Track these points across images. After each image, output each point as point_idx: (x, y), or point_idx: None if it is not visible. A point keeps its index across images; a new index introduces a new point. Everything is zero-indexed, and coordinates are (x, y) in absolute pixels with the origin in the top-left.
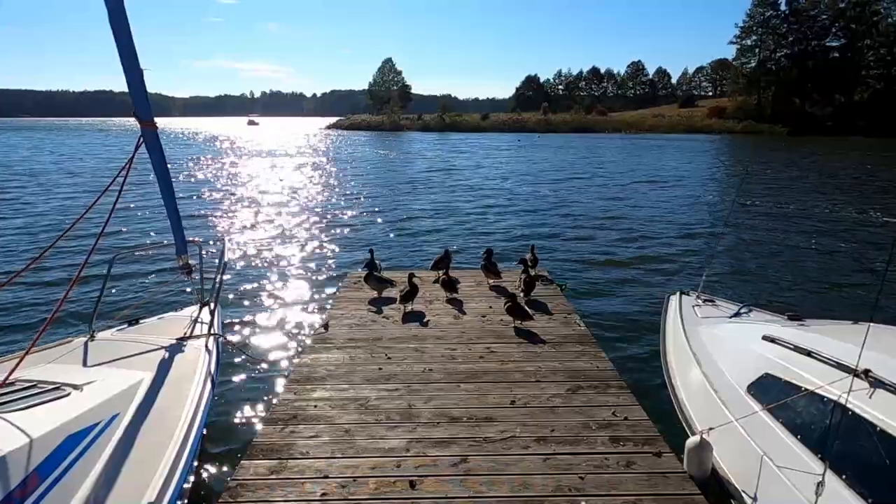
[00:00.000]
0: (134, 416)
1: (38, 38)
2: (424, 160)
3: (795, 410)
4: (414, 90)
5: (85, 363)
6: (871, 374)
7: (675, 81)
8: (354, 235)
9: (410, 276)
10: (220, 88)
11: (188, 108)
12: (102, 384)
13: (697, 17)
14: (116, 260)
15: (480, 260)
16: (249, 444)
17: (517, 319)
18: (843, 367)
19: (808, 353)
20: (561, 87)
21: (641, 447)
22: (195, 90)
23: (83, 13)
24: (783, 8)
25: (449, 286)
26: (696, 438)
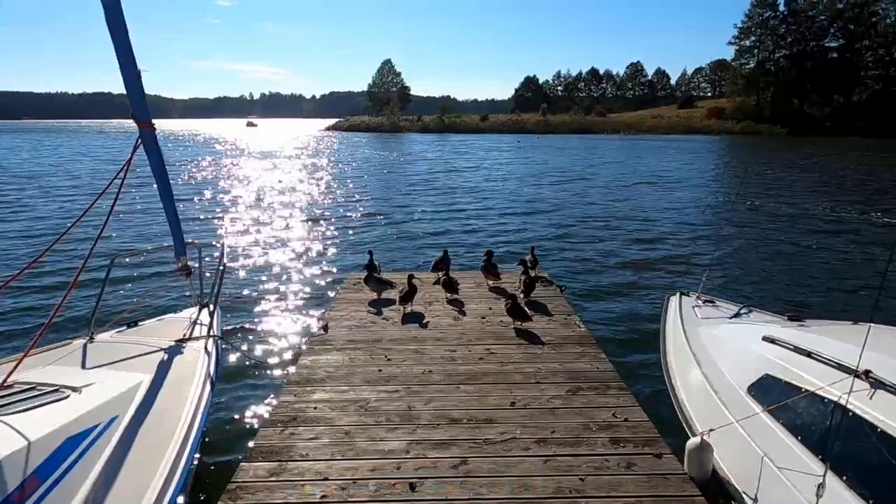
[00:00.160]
0: (133, 418)
1: (37, 38)
2: (424, 161)
3: (796, 411)
4: (413, 91)
5: (84, 365)
6: (871, 374)
7: (673, 82)
8: (354, 237)
9: (410, 277)
10: (219, 90)
11: (187, 109)
12: (101, 386)
13: (696, 17)
14: (115, 262)
15: (480, 262)
16: (249, 446)
17: (517, 320)
18: (843, 367)
19: (808, 353)
20: (560, 88)
21: (642, 448)
22: (194, 91)
23: (83, 13)
24: (782, 9)
25: (449, 287)
26: (696, 439)
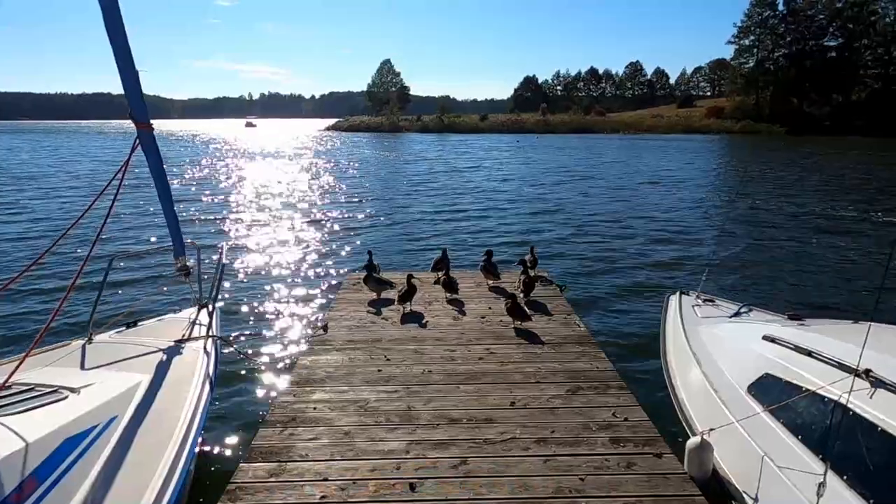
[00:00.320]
0: (132, 418)
1: (37, 38)
2: (424, 161)
3: (796, 411)
4: (413, 91)
5: (83, 366)
6: (871, 373)
7: (673, 82)
8: (353, 237)
9: (409, 276)
10: (218, 90)
11: (187, 110)
12: (100, 387)
13: (696, 17)
14: (114, 262)
15: (480, 261)
16: (248, 446)
17: (517, 320)
18: (843, 367)
19: (808, 352)
20: (559, 87)
21: (642, 448)
22: (194, 92)
23: (83, 13)
24: (781, 8)
25: (449, 286)
26: (696, 439)
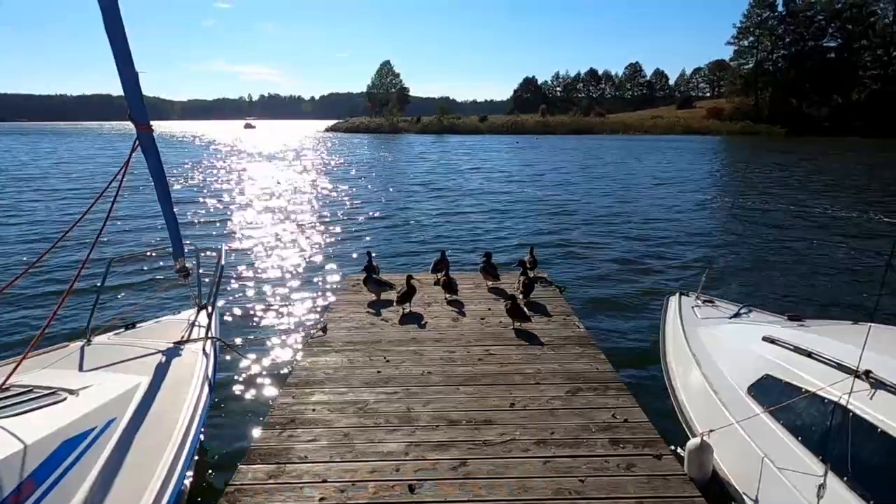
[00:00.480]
0: (130, 420)
1: (37, 39)
2: (424, 162)
3: (796, 412)
4: (412, 92)
5: (81, 367)
6: (871, 374)
7: (672, 83)
8: (353, 239)
9: (408, 277)
10: (218, 91)
11: (186, 111)
12: (99, 388)
13: (695, 18)
14: (113, 264)
15: (479, 263)
16: (247, 448)
17: (516, 321)
18: (843, 367)
19: (808, 353)
20: (559, 88)
21: (641, 449)
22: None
23: (83, 14)
24: (780, 9)
25: (449, 288)
26: (696, 440)
